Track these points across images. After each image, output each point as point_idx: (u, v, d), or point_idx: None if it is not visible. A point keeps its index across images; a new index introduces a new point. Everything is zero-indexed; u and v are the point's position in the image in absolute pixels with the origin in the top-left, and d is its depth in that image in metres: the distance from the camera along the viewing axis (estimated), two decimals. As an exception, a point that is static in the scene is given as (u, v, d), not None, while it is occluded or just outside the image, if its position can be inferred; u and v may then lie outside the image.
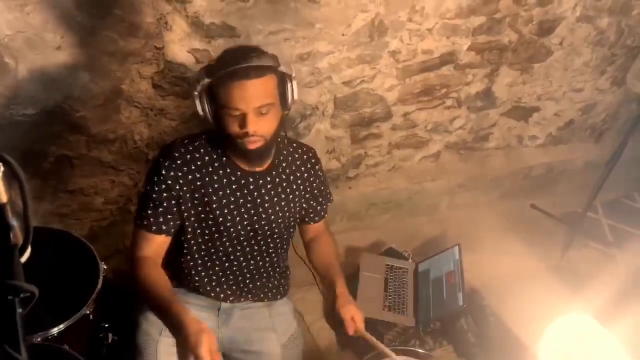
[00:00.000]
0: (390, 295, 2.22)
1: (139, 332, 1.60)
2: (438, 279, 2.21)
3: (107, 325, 1.75)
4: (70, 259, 1.71)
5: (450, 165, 2.89)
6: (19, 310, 0.69)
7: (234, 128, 1.40)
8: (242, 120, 1.39)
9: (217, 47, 2.01)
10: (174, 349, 1.57)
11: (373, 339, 1.64)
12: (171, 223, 1.53)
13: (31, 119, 1.88)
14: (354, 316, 1.63)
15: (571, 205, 3.20)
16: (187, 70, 2.03)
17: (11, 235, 0.70)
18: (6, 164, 0.68)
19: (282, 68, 1.42)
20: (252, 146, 1.43)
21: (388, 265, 2.36)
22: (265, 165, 1.56)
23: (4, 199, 0.69)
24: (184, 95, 2.09)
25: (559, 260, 2.76)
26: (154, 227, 1.51)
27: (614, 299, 1.97)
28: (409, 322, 2.14)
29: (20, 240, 0.73)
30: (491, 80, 2.69)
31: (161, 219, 1.51)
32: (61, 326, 1.53)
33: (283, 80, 1.43)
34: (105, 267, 1.70)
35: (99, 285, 1.63)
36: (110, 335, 1.77)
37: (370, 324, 2.20)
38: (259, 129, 1.40)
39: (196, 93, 1.40)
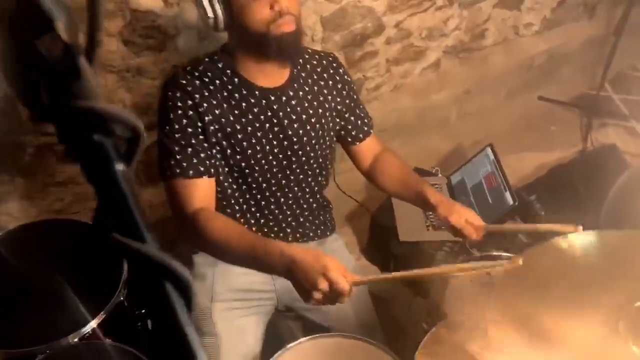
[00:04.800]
0: (431, 215, 2.06)
1: None
2: (477, 185, 2.06)
3: (143, 311, 1.57)
4: (91, 248, 1.52)
5: (452, 72, 2.71)
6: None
7: (263, 13, 1.23)
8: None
9: (184, -17, 1.77)
10: (229, 313, 1.44)
11: (504, 226, 1.55)
12: (207, 162, 1.30)
13: (-5, 107, 1.64)
14: (467, 218, 1.37)
15: (576, 89, 3.10)
16: (156, 18, 1.78)
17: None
18: None
19: None
20: (287, 28, 1.25)
21: (419, 185, 2.19)
22: (286, 77, 1.38)
23: None
24: (159, 47, 1.84)
25: (584, 145, 2.65)
26: (191, 172, 1.27)
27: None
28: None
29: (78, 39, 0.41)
30: (478, -31, 2.49)
31: (195, 160, 1.28)
32: (93, 322, 1.35)
33: None
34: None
35: (126, 269, 1.45)
36: (149, 322, 1.59)
37: (417, 247, 2.08)
38: (290, 4, 1.25)
39: None
